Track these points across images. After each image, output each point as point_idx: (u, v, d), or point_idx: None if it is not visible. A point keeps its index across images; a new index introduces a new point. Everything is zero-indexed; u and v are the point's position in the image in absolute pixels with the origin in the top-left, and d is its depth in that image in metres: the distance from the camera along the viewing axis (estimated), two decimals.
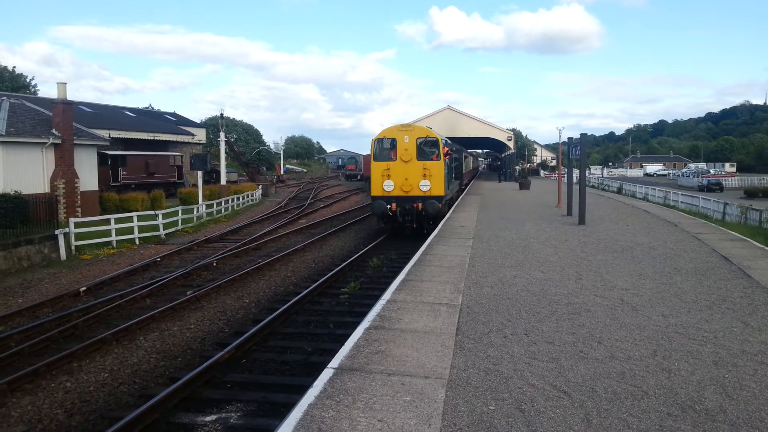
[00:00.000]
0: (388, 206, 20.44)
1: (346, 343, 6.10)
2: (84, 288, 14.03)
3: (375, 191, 20.99)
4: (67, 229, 19.15)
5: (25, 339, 10.41)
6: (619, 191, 45.59)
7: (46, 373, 8.78)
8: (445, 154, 21.49)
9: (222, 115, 40.42)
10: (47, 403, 7.95)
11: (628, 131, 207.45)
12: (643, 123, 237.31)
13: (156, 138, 42.76)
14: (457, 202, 26.07)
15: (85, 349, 9.63)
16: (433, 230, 16.29)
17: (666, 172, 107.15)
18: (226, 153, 42.60)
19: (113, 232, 20.89)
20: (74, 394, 8.28)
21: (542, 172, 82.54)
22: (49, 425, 7.41)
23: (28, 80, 59.66)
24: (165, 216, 24.21)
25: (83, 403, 8.00)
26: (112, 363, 9.40)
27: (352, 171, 76.82)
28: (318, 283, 13.94)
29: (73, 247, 19.12)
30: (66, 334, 10.71)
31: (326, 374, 5.22)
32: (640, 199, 37.11)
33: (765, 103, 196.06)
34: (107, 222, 21.28)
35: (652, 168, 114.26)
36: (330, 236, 22.77)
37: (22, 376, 8.45)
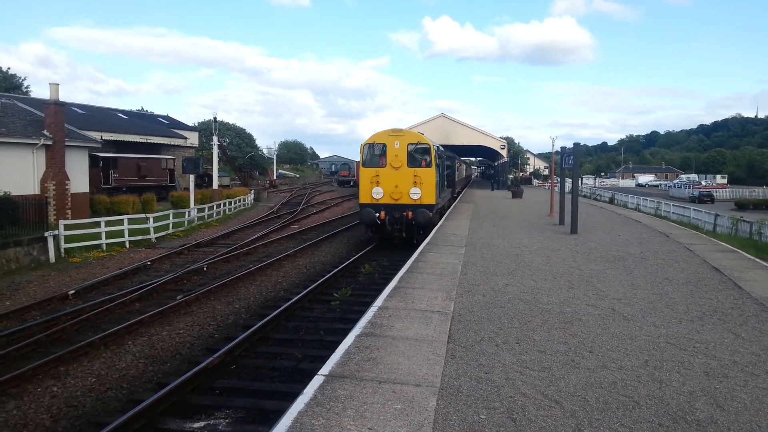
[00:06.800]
0: (377, 214, 19.58)
1: (336, 350, 6.06)
2: (73, 291, 13.89)
3: (363, 198, 20.13)
4: (56, 231, 18.98)
5: (11, 342, 10.26)
6: (611, 201, 45.80)
7: (32, 377, 8.65)
8: (437, 162, 21.17)
9: (215, 118, 40.03)
10: (33, 408, 7.83)
11: (621, 142, 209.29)
12: (635, 134, 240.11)
13: (148, 141, 42.50)
14: (449, 210, 26.07)
15: (72, 353, 9.50)
16: (423, 240, 15.94)
17: (658, 182, 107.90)
18: (218, 157, 42.43)
19: (103, 235, 20.73)
20: (61, 398, 8.16)
21: (535, 181, 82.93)
22: (34, 430, 7.30)
23: (20, 81, 59.48)
24: (156, 219, 24.05)
25: (70, 408, 7.89)
26: (100, 368, 9.29)
27: (345, 177, 77.13)
28: (309, 289, 13.86)
29: (62, 250, 18.95)
30: (53, 337, 10.57)
31: (316, 381, 5.17)
32: (632, 209, 37.29)
33: (756, 116, 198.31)
34: (97, 224, 21.12)
35: (644, 179, 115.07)
36: (322, 242, 22.70)
37: (8, 380, 8.32)
